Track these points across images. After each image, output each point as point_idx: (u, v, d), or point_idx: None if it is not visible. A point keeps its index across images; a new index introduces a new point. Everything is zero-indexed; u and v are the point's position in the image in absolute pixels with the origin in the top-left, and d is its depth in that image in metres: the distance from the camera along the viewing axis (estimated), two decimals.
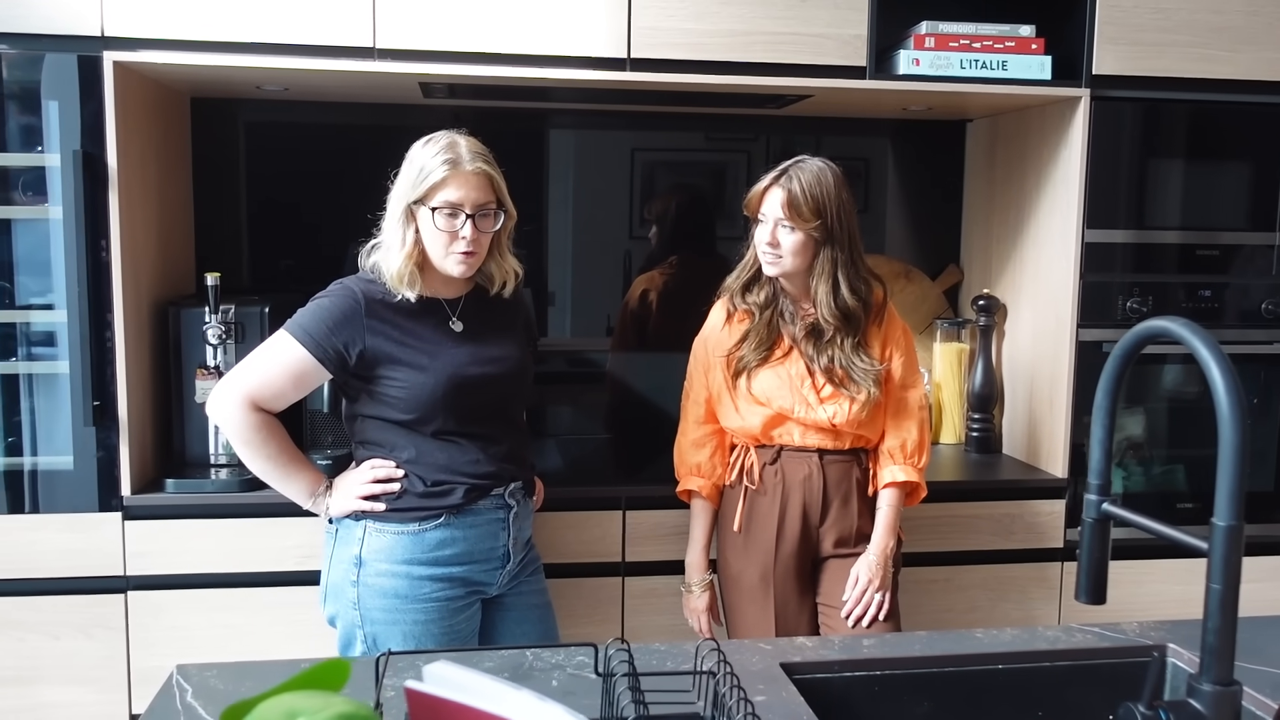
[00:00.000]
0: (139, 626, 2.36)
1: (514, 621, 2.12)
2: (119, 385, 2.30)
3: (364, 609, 1.96)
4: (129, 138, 2.33)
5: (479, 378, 2.00)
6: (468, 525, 2.00)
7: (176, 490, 2.37)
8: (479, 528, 2.01)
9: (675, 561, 2.52)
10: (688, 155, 3.15)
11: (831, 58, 2.46)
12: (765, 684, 1.44)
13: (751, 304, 2.25)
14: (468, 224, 1.91)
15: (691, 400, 2.33)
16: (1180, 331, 1.09)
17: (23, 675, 2.35)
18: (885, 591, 2.23)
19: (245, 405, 1.93)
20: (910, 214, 3.20)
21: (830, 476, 2.24)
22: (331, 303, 1.95)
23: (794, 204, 2.13)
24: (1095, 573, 1.25)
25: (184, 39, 2.26)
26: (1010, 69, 2.53)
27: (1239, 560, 1.05)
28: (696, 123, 3.06)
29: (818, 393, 2.21)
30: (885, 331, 2.28)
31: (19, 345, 2.37)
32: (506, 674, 1.46)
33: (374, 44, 2.31)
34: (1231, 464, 1.04)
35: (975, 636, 1.64)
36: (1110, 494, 1.23)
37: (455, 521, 1.99)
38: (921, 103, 2.75)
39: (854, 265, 2.20)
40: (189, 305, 2.46)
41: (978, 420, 2.92)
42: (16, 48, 2.23)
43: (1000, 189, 2.94)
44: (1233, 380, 1.03)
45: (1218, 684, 1.06)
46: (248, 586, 2.37)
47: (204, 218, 2.86)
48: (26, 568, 2.33)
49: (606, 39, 2.37)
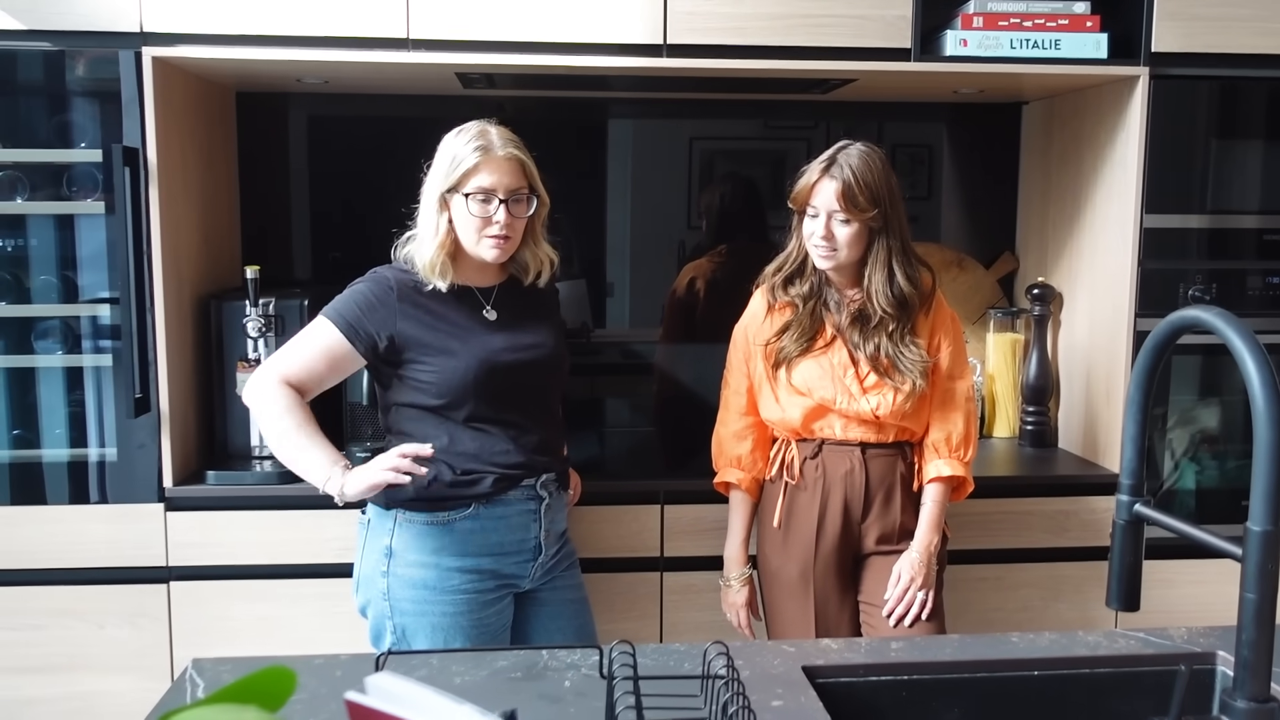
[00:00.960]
0: (181, 616, 2.39)
1: (548, 617, 2.10)
2: (160, 378, 2.33)
3: (393, 600, 1.96)
4: (170, 132, 2.35)
5: (512, 363, 1.98)
6: (497, 516, 1.98)
7: (217, 482, 2.39)
8: (509, 519, 1.99)
9: (714, 557, 2.47)
10: (746, 144, 3.10)
11: (874, 39, 2.38)
12: (784, 688, 1.39)
13: (794, 296, 2.20)
14: (501, 209, 1.91)
15: (732, 390, 2.28)
16: (1214, 322, 1.02)
17: (70, 663, 2.39)
18: (928, 590, 2.16)
19: (276, 382, 1.92)
20: (965, 200, 3.10)
21: (873, 471, 2.18)
22: (365, 288, 1.96)
23: (849, 195, 2.06)
24: (1128, 578, 1.18)
25: (220, 33, 2.27)
26: (1064, 48, 2.43)
27: (1276, 568, 0.98)
28: (755, 110, 2.99)
29: (861, 383, 2.15)
30: (934, 320, 2.21)
31: (69, 339, 2.41)
32: (519, 673, 1.43)
33: (407, 34, 2.29)
34: (1268, 464, 0.96)
35: (1011, 641, 1.57)
36: (1143, 494, 1.16)
37: (485, 512, 1.97)
38: (972, 85, 2.65)
39: (906, 252, 2.14)
40: (231, 298, 2.48)
41: (1032, 413, 2.83)
42: (59, 44, 2.26)
43: (1056, 173, 2.84)
44: (1270, 375, 0.96)
45: (1253, 700, 0.99)
46: (286, 578, 2.39)
47: (250, 211, 2.88)
48: (76, 557, 2.37)
49: (642, 25, 2.33)
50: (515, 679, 1.43)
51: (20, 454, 2.41)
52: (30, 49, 2.26)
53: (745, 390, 2.26)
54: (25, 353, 2.41)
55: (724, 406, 2.30)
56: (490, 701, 1.35)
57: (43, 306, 2.38)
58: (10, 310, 2.39)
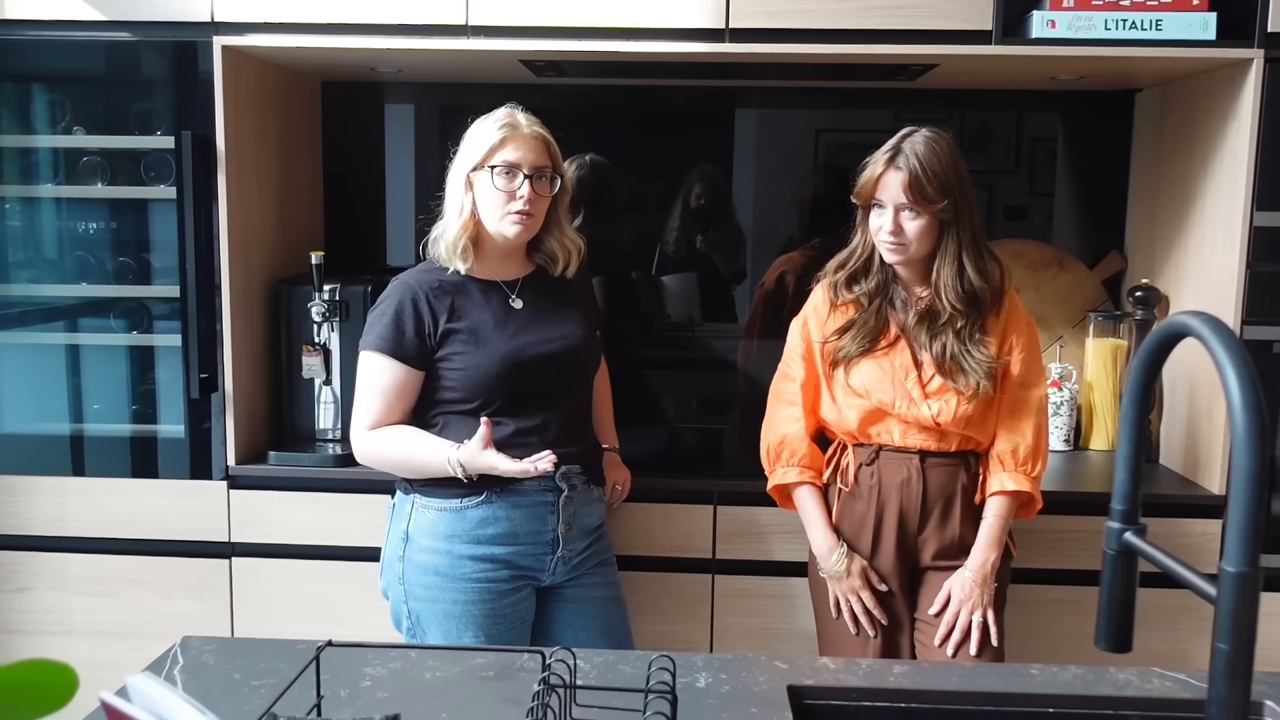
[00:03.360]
0: (241, 592, 2.45)
1: (572, 614, 2.06)
2: (225, 359, 2.39)
3: (408, 585, 1.96)
4: (242, 120, 2.41)
5: (536, 357, 1.96)
6: (511, 505, 1.95)
7: (277, 462, 2.44)
8: (524, 509, 1.96)
9: (768, 562, 2.40)
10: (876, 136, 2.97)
11: (954, 22, 2.24)
12: (759, 707, 1.31)
13: (859, 294, 2.08)
14: (525, 183, 1.91)
15: (798, 385, 2.15)
16: (1200, 330, 0.89)
17: (141, 630, 2.48)
18: (982, 611, 2.02)
19: (365, 436, 1.98)
20: (1074, 195, 2.90)
21: (931, 481, 2.05)
22: (390, 303, 1.98)
23: (917, 186, 1.95)
24: (1118, 614, 1.05)
25: (282, 21, 2.30)
26: (1166, 29, 2.23)
27: (1253, 616, 0.85)
28: (885, 99, 2.86)
29: (923, 387, 2.03)
30: (1006, 322, 2.07)
31: (144, 319, 2.51)
32: (492, 673, 1.39)
33: (466, 20, 2.28)
34: (1245, 495, 0.83)
35: (1029, 673, 1.44)
36: (1137, 522, 1.03)
37: (498, 500, 1.95)
38: (1069, 70, 2.46)
39: (977, 244, 2.01)
40: (301, 283, 2.53)
41: None
42: (137, 35, 2.34)
43: (1166, 166, 2.61)
44: (1254, 394, 0.83)
45: None
46: (339, 560, 2.42)
47: (333, 198, 2.93)
48: (146, 529, 2.46)
49: (702, 8, 2.25)
50: (487, 678, 1.39)
51: (97, 428, 2.52)
52: (110, 39, 2.35)
53: (811, 388, 2.15)
54: (104, 331, 2.51)
55: (784, 402, 2.17)
56: (455, 699, 1.32)
57: (120, 287, 2.48)
58: (90, 290, 2.50)
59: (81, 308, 2.54)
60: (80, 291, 2.51)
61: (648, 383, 3.02)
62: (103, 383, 2.56)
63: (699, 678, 1.39)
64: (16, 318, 2.52)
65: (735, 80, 2.80)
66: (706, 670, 1.42)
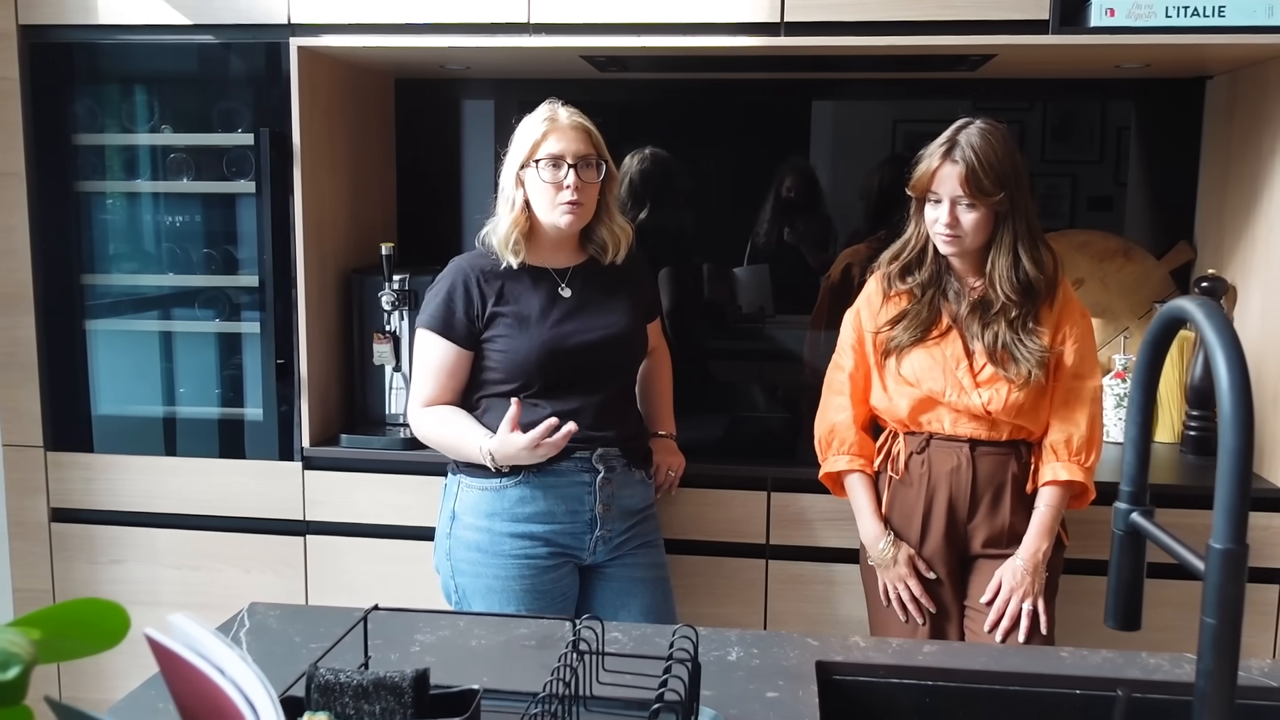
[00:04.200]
0: (315, 568, 2.57)
1: (615, 593, 2.12)
2: (300, 345, 2.51)
3: (454, 561, 2.05)
4: (316, 117, 2.52)
5: (576, 345, 2.04)
6: (548, 485, 2.03)
7: (348, 445, 2.55)
8: (560, 489, 2.04)
9: (821, 548, 2.43)
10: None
11: (1009, 12, 2.24)
12: (786, 680, 1.36)
13: (912, 285, 2.11)
14: (570, 173, 1.98)
15: (846, 374, 2.19)
16: (1194, 313, 0.91)
17: (220, 602, 2.60)
18: (1033, 599, 2.03)
19: (420, 412, 2.09)
20: (1144, 185, 2.86)
21: (981, 470, 2.07)
22: (443, 283, 2.08)
23: (974, 179, 1.96)
24: (1126, 594, 1.08)
25: (354, 23, 2.40)
26: (1229, 15, 2.19)
27: (1240, 591, 0.87)
28: (962, 89, 2.85)
29: (974, 376, 2.04)
30: (1059, 312, 2.07)
31: (227, 307, 2.64)
32: (534, 642, 1.47)
33: (528, 19, 2.35)
34: (1232, 474, 0.86)
35: (1059, 656, 1.46)
36: (1144, 503, 1.05)
37: (534, 480, 2.02)
38: (1134, 59, 2.44)
39: (1032, 235, 2.02)
40: (373, 273, 2.63)
41: (1195, 418, 2.58)
42: (219, 37, 2.47)
43: (1236, 156, 2.57)
44: (1241, 377, 0.85)
45: None
46: (405, 539, 2.52)
47: (406, 190, 3.04)
48: (227, 506, 2.60)
49: (756, 3, 2.29)
50: (528, 646, 1.46)
51: (186, 410, 2.67)
52: (195, 42, 2.48)
53: (861, 378, 2.18)
54: (191, 319, 2.66)
55: (834, 391, 2.22)
56: (497, 665, 1.39)
57: (205, 277, 2.62)
58: (178, 280, 2.64)
59: (171, 296, 2.69)
60: (169, 281, 2.65)
61: (715, 373, 3.06)
62: (190, 367, 2.70)
63: (731, 651, 1.44)
64: (111, 306, 2.67)
65: (808, 72, 2.82)
66: (739, 645, 1.47)
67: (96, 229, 2.63)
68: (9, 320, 2.60)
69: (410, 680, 0.98)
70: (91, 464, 2.63)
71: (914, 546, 2.09)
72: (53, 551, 2.66)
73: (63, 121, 2.56)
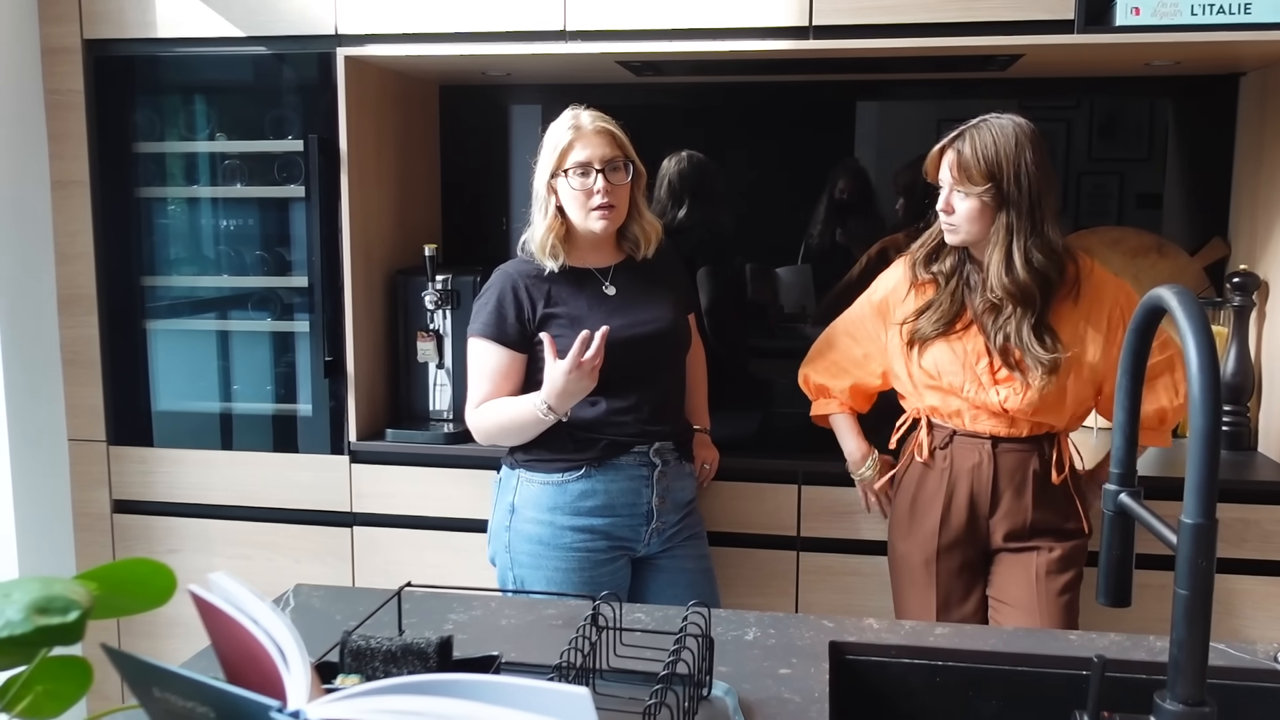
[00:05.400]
0: (362, 558, 2.67)
1: (665, 584, 2.19)
2: (347, 343, 2.61)
3: (514, 553, 2.12)
4: (365, 124, 2.62)
5: (629, 339, 2.09)
6: (609, 479, 2.10)
7: (394, 439, 2.65)
8: (620, 482, 2.10)
9: (851, 540, 2.48)
10: None
11: (1034, 12, 2.27)
12: (799, 658, 1.42)
13: (936, 273, 2.15)
14: (599, 178, 2.04)
15: (855, 341, 2.28)
16: (1169, 300, 0.96)
17: (270, 590, 2.65)
18: None
19: (475, 413, 2.16)
20: (1179, 181, 2.87)
21: (1002, 466, 2.10)
22: (493, 292, 2.14)
23: (963, 166, 2.02)
24: (1115, 572, 1.12)
25: (398, 33, 2.50)
26: (1256, 11, 2.21)
27: (1210, 564, 0.92)
28: (1006, 89, 2.88)
29: (993, 374, 2.08)
30: (1087, 310, 2.08)
31: (279, 307, 2.75)
32: (561, 622, 1.54)
33: (564, 26, 2.43)
34: (1202, 453, 0.90)
35: (1068, 638, 1.50)
36: (1133, 484, 1.10)
37: (596, 474, 2.09)
38: (1164, 56, 2.46)
39: (1036, 234, 2.03)
40: (417, 273, 2.73)
41: (1229, 413, 2.59)
42: (271, 49, 2.58)
43: (1269, 151, 2.57)
44: (1210, 361, 0.90)
45: (1184, 704, 0.93)
46: (449, 530, 2.61)
47: (451, 194, 3.13)
48: (278, 498, 2.71)
49: (786, 8, 2.34)
50: (555, 626, 1.53)
51: (240, 406, 2.79)
52: (247, 53, 2.60)
53: (861, 355, 2.27)
54: (244, 319, 2.78)
55: (828, 349, 2.32)
56: (524, 642, 1.47)
57: (257, 279, 2.74)
58: (232, 281, 2.76)
59: (226, 298, 2.81)
60: (224, 282, 2.77)
61: (753, 371, 3.11)
62: (244, 365, 2.82)
63: (749, 631, 1.51)
64: (170, 307, 2.80)
65: (846, 74, 2.86)
66: (757, 626, 1.53)
67: (156, 233, 2.76)
68: (74, 320, 2.74)
69: (435, 646, 1.06)
70: (150, 458, 2.76)
71: (934, 534, 2.13)
72: (114, 541, 2.79)
73: (124, 131, 2.69)
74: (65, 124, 2.67)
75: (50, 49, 2.65)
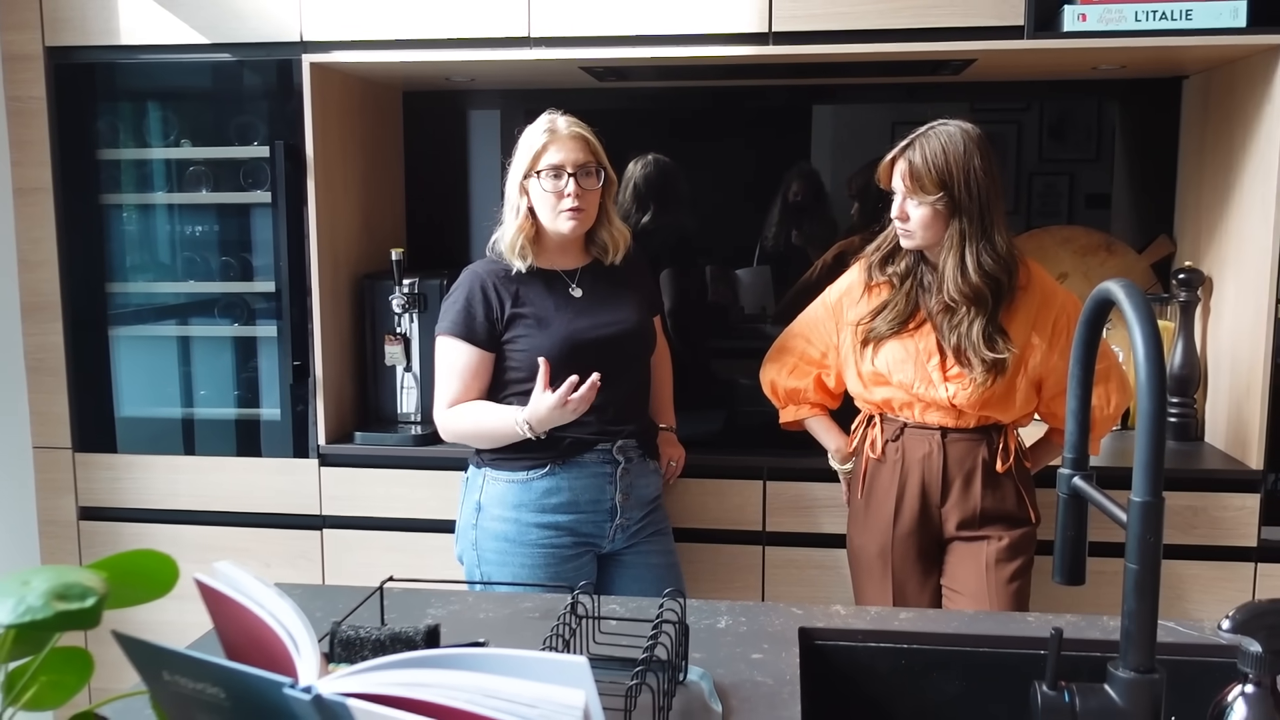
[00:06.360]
0: (332, 560, 2.69)
1: (631, 579, 2.23)
2: (315, 347, 2.62)
3: (480, 550, 2.16)
4: (329, 129, 2.64)
5: (595, 339, 2.13)
6: (573, 477, 2.14)
7: (363, 442, 2.67)
8: (584, 480, 2.15)
9: (815, 534, 2.54)
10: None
11: (986, 18, 2.35)
12: (770, 644, 1.47)
13: (891, 275, 2.21)
14: (570, 181, 2.09)
15: (813, 346, 2.33)
16: (1116, 293, 1.02)
17: None
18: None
19: (446, 413, 2.19)
20: (1126, 181, 2.97)
21: (951, 455, 2.17)
22: (461, 291, 2.18)
23: (916, 175, 2.08)
24: (1071, 551, 1.18)
25: (364, 39, 2.53)
26: (1196, 18, 2.30)
27: (1158, 540, 0.98)
28: (959, 92, 2.96)
29: (944, 371, 2.14)
30: (1036, 314, 2.15)
31: (244, 312, 2.76)
32: (538, 614, 1.58)
33: (528, 33, 2.47)
34: (1149, 437, 0.96)
35: (1026, 620, 1.57)
36: (1086, 468, 1.16)
37: (560, 472, 2.13)
38: (1110, 61, 2.55)
39: (986, 238, 2.10)
40: (384, 278, 2.75)
41: (1176, 405, 2.68)
42: (236, 55, 2.60)
43: (1210, 152, 2.67)
44: (1155, 350, 0.96)
45: (1135, 671, 0.99)
46: (419, 531, 2.63)
47: (415, 198, 3.16)
48: (247, 503, 2.72)
49: (746, 14, 2.40)
50: (532, 618, 1.57)
51: (205, 411, 2.79)
52: (213, 60, 2.61)
53: (819, 356, 2.32)
54: (209, 324, 2.78)
55: (786, 352, 2.37)
56: (502, 634, 1.51)
57: (223, 284, 2.75)
58: (197, 287, 2.77)
59: (191, 303, 2.82)
60: (188, 288, 2.78)
61: (715, 370, 3.17)
62: (211, 370, 2.83)
63: (720, 620, 1.56)
64: (134, 314, 2.80)
65: (804, 79, 2.93)
66: (729, 615, 1.58)
67: (120, 240, 2.76)
68: (38, 328, 2.73)
69: (422, 634, 1.09)
70: (117, 464, 2.76)
71: (889, 525, 2.20)
72: (80, 548, 2.78)
73: (87, 138, 2.69)
74: (27, 130, 2.67)
75: (11, 55, 2.65)
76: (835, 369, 2.31)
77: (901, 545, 2.19)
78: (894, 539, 2.19)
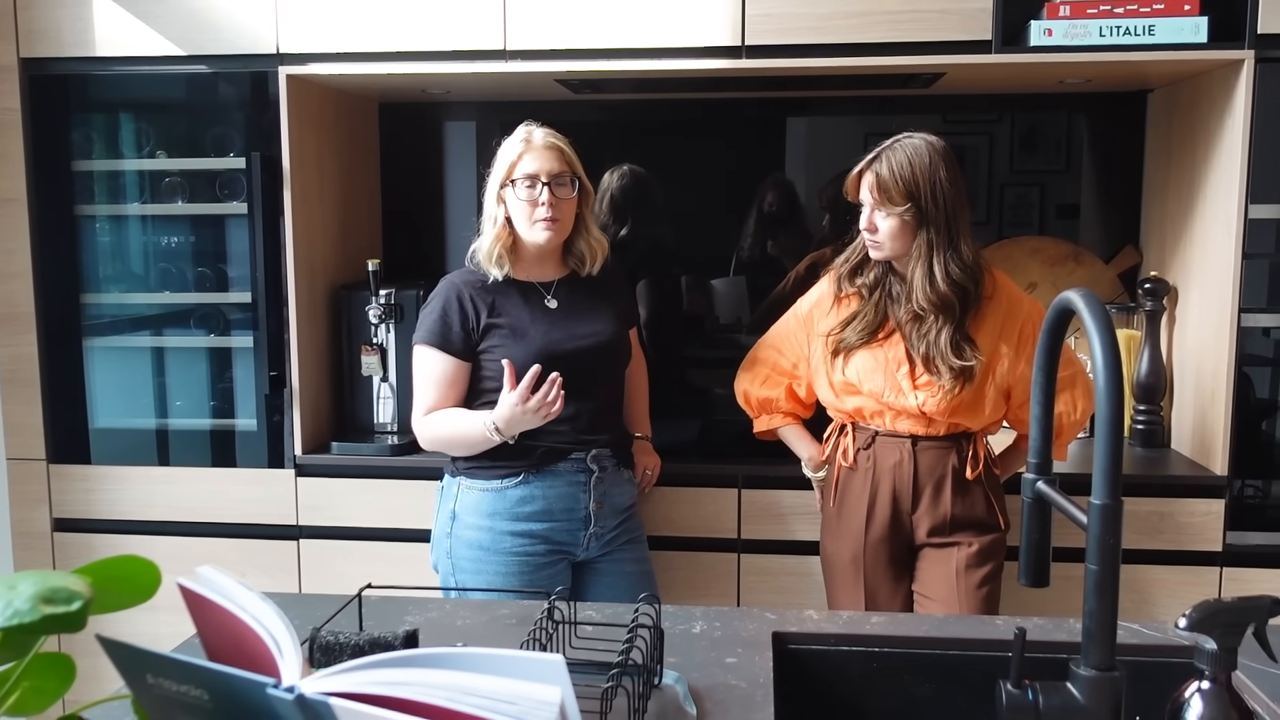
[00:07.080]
0: (309, 570, 2.69)
1: (605, 587, 2.25)
2: (291, 358, 2.63)
3: (455, 558, 2.17)
4: (305, 141, 2.65)
5: (570, 350, 2.16)
6: (547, 485, 2.16)
7: (339, 452, 2.68)
8: (558, 488, 2.17)
9: (789, 541, 2.57)
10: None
11: (955, 33, 2.39)
12: (744, 648, 1.49)
13: (860, 285, 2.25)
14: (545, 190, 2.11)
15: (784, 357, 2.36)
16: (1077, 302, 1.06)
17: None
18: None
19: (423, 421, 2.21)
20: (1093, 192, 3.02)
21: (922, 463, 2.20)
22: (437, 300, 2.20)
23: (883, 187, 2.11)
24: (1034, 555, 1.21)
25: (340, 52, 2.54)
26: (1159, 34, 2.35)
27: (1117, 541, 1.01)
28: (931, 104, 3.00)
29: (913, 380, 2.17)
30: (1003, 323, 2.19)
31: (220, 323, 2.77)
32: (514, 621, 1.59)
33: (505, 45, 2.50)
34: (1107, 441, 1.00)
35: (994, 623, 1.60)
36: (1049, 473, 1.19)
37: (534, 480, 2.15)
38: (1076, 75, 2.59)
39: (953, 248, 2.13)
40: (360, 288, 2.76)
41: (1142, 412, 2.73)
42: (212, 67, 2.60)
43: (1175, 163, 2.73)
44: (1113, 357, 0.99)
45: (1096, 669, 1.02)
46: (395, 540, 2.64)
47: (391, 209, 3.17)
48: (222, 514, 2.71)
49: (720, 28, 2.44)
50: (509, 625, 1.59)
51: (180, 422, 2.79)
52: (189, 72, 2.62)
53: (790, 366, 2.35)
54: (185, 335, 2.78)
55: (758, 363, 2.40)
56: (479, 641, 1.52)
57: (199, 295, 2.75)
58: (173, 298, 2.77)
59: (165, 314, 2.81)
60: (164, 299, 2.78)
61: (691, 380, 3.19)
62: (185, 381, 2.82)
63: (695, 625, 1.58)
64: (109, 325, 2.79)
65: (778, 91, 2.97)
66: (704, 620, 1.60)
67: (95, 251, 2.76)
68: (12, 339, 2.72)
69: (401, 639, 1.11)
70: (91, 475, 2.75)
71: (861, 532, 2.23)
72: (55, 560, 2.77)
73: (62, 149, 2.69)
74: (2, 142, 2.67)
75: None
76: (806, 379, 2.34)
77: (873, 551, 2.22)
78: (866, 545, 2.22)
